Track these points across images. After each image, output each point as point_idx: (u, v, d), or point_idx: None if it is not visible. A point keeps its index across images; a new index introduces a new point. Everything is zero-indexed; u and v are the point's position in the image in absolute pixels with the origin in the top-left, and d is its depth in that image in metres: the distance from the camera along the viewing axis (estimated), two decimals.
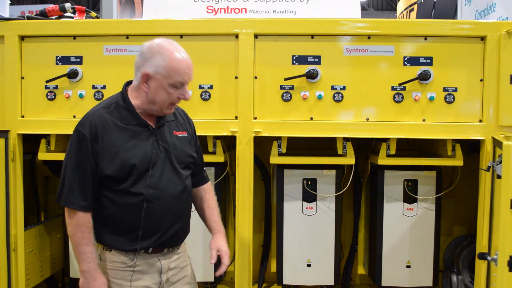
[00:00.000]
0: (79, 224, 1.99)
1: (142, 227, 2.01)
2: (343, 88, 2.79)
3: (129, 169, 1.98)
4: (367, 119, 2.79)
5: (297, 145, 3.00)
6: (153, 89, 1.98)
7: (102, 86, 2.86)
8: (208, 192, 2.31)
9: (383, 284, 3.05)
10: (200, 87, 2.81)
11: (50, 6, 3.06)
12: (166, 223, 2.05)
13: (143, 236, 2.03)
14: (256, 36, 2.78)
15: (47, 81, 2.85)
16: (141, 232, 2.02)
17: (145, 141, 2.02)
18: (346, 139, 2.82)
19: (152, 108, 2.02)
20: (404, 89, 2.78)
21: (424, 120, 2.78)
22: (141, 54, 2.02)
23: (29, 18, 2.98)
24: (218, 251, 2.17)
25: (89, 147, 1.97)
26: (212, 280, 3.09)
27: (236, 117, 2.79)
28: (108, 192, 2.02)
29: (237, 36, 2.77)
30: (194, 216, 2.24)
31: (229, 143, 3.13)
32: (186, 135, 2.16)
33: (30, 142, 3.04)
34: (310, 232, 3.00)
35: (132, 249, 2.04)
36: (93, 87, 2.87)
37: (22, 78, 2.87)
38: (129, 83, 2.11)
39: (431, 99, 2.76)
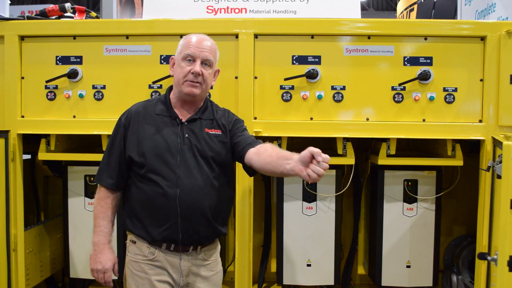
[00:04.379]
0: (100, 198, 2.18)
1: (157, 214, 2.09)
2: (343, 88, 2.79)
3: (147, 155, 2.09)
4: (367, 119, 2.79)
5: (297, 145, 3.00)
6: (175, 70, 2.18)
7: (102, 86, 2.86)
8: (264, 145, 2.10)
9: (383, 284, 3.04)
10: None
11: (50, 6, 3.05)
12: (179, 214, 2.07)
13: (158, 223, 2.09)
14: (256, 36, 2.78)
15: (47, 81, 2.85)
16: (157, 218, 2.09)
17: (169, 131, 2.14)
18: (346, 139, 2.82)
19: (176, 91, 2.18)
20: (404, 89, 2.78)
21: (424, 120, 2.78)
22: None
23: (29, 18, 2.98)
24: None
25: (121, 131, 2.18)
26: None
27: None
28: (136, 179, 2.15)
29: (237, 36, 2.77)
30: None
31: None
32: (220, 133, 2.20)
33: (30, 142, 3.03)
34: (310, 232, 3.00)
35: (152, 241, 2.11)
36: (93, 87, 2.87)
37: (22, 78, 2.87)
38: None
39: (431, 99, 2.76)
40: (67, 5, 3.06)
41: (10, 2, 7.71)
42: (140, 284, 2.12)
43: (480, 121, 2.75)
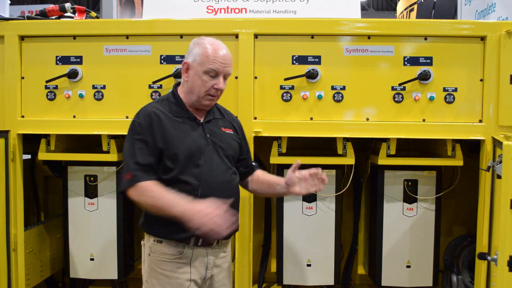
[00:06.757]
0: (147, 189, 2.01)
1: None
2: (343, 88, 2.79)
3: (178, 157, 2.07)
4: (367, 119, 2.79)
5: (297, 145, 3.00)
6: (191, 78, 2.13)
7: (102, 86, 2.86)
8: (261, 171, 2.44)
9: (383, 284, 3.04)
10: None
11: (50, 6, 3.06)
12: None
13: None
14: (256, 36, 2.78)
15: (47, 81, 2.85)
16: None
17: (193, 132, 2.14)
18: (346, 139, 2.82)
19: (191, 98, 2.15)
20: (404, 89, 2.78)
21: (424, 120, 2.78)
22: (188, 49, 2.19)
23: (29, 18, 2.98)
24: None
25: (146, 132, 2.07)
26: None
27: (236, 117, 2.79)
28: (163, 182, 2.08)
29: (237, 36, 2.77)
30: None
31: None
32: (232, 133, 2.29)
33: (30, 142, 3.04)
34: (310, 232, 3.00)
35: (182, 239, 2.10)
36: (93, 87, 2.87)
37: (22, 78, 2.87)
38: (178, 84, 2.25)
39: (431, 99, 2.76)
40: (67, 5, 3.06)
41: (10, 2, 7.71)
42: (166, 283, 2.12)
43: (480, 121, 2.75)
